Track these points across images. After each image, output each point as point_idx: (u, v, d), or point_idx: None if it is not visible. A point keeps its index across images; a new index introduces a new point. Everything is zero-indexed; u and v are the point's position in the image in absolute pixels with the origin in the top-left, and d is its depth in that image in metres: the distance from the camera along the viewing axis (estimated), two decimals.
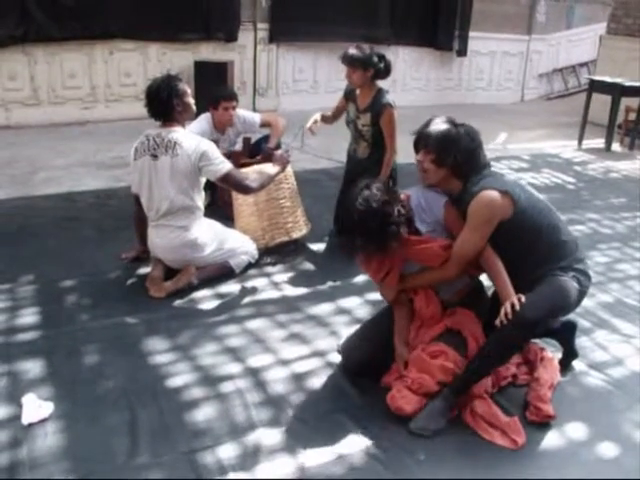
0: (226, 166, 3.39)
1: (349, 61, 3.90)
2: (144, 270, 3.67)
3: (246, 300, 3.46)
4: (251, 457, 2.27)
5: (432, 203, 2.65)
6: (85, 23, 7.05)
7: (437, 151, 2.57)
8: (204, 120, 4.43)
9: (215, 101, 4.37)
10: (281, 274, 3.80)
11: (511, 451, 2.36)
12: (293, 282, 3.71)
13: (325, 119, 4.28)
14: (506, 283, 2.49)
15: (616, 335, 3.25)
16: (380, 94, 3.96)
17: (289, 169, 4.04)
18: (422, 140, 2.63)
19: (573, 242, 2.66)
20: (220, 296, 3.50)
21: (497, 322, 2.41)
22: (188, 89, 3.50)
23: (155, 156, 3.36)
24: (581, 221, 4.97)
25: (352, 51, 3.89)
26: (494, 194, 2.49)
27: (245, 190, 3.52)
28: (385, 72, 3.98)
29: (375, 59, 3.90)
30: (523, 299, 2.39)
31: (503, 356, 2.53)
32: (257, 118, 4.60)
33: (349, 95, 4.13)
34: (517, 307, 2.37)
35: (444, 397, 2.48)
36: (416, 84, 9.87)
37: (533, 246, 2.57)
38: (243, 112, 4.59)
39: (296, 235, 4.05)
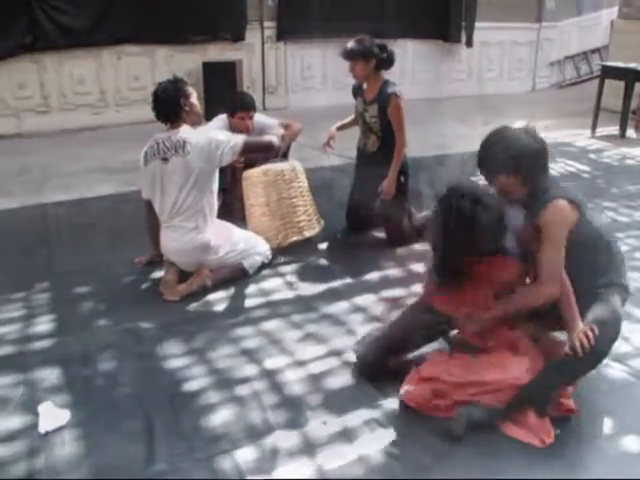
0: (240, 138, 3.45)
1: (349, 55, 3.88)
2: (158, 274, 3.66)
3: (261, 301, 3.44)
4: (269, 460, 2.24)
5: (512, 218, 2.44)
6: (92, 29, 7.09)
7: (521, 172, 2.42)
8: (220, 121, 4.39)
9: (232, 110, 4.33)
10: (295, 273, 3.78)
11: (533, 448, 2.31)
12: (307, 281, 3.68)
13: (344, 126, 4.29)
14: (574, 308, 2.38)
15: (638, 325, 3.19)
16: (386, 85, 3.94)
17: (300, 167, 4.02)
18: (498, 165, 2.44)
19: (621, 255, 2.58)
20: (234, 298, 3.48)
21: (567, 350, 2.29)
22: (194, 91, 3.50)
23: (165, 159, 3.35)
24: (598, 210, 4.90)
25: (351, 44, 3.87)
26: (565, 203, 2.39)
27: (270, 148, 3.61)
28: (388, 62, 3.95)
29: (375, 49, 3.87)
30: (596, 330, 2.27)
31: (560, 385, 2.40)
32: (275, 125, 4.51)
33: (357, 91, 4.11)
34: (592, 340, 2.25)
35: (489, 414, 2.38)
36: (425, 76, 9.78)
37: (590, 258, 2.46)
38: (262, 118, 4.50)
39: (309, 234, 4.03)
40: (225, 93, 5.59)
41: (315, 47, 8.60)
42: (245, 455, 2.26)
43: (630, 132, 7.56)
